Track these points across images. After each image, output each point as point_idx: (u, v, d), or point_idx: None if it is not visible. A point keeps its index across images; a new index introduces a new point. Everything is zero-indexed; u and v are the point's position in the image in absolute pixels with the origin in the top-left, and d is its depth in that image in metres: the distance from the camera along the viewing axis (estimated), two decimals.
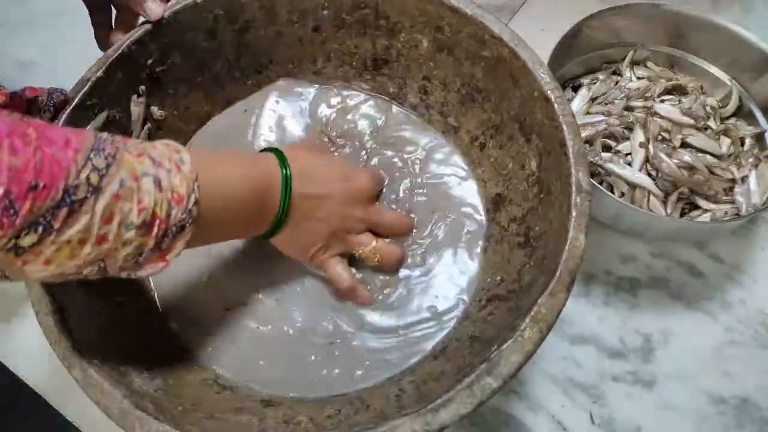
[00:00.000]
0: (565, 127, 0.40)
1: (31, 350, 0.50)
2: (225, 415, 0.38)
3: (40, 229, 0.27)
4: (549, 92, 0.41)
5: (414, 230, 0.49)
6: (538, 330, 0.33)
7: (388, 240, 0.47)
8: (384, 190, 0.51)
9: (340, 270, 0.45)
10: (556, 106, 0.41)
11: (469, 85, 0.49)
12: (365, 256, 0.46)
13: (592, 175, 0.56)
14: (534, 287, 0.37)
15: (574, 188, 0.37)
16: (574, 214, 0.37)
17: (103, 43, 0.50)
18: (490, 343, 0.36)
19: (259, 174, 0.39)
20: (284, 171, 0.40)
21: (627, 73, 0.63)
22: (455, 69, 0.50)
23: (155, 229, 0.31)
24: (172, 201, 0.32)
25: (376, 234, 0.47)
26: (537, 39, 0.47)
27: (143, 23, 0.47)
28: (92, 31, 0.51)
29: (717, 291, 0.55)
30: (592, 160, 0.56)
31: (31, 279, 0.30)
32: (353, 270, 0.47)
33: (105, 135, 0.31)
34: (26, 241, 0.27)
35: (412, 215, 0.50)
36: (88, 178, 0.28)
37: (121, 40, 0.46)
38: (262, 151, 0.44)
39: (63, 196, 0.27)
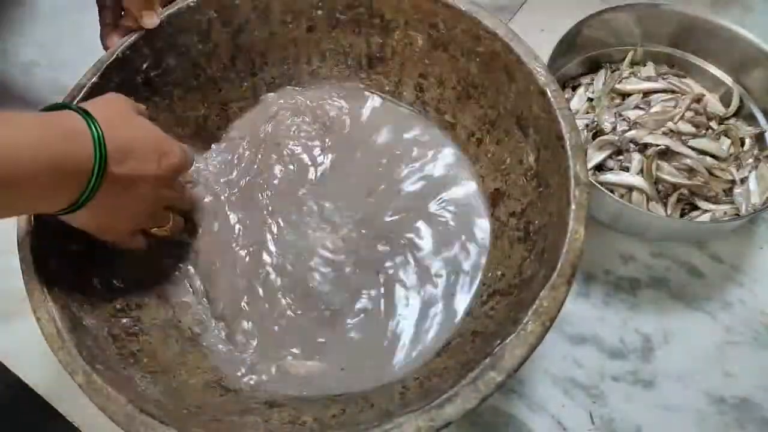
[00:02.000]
0: (561, 120, 0.40)
1: (32, 350, 0.49)
2: (230, 417, 0.38)
3: None
4: (544, 86, 0.41)
5: None
6: (541, 323, 0.33)
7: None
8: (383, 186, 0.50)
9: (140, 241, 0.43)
10: (551, 99, 0.41)
11: (464, 81, 0.49)
12: (161, 233, 0.44)
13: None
14: (535, 281, 0.37)
15: (572, 181, 0.37)
16: (573, 206, 0.36)
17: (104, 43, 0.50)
18: (492, 338, 0.36)
19: (57, 139, 0.32)
20: (97, 148, 0.34)
21: (626, 74, 0.63)
22: (451, 65, 0.50)
23: None
24: None
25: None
26: (537, 39, 0.47)
27: (138, 29, 0.47)
28: (93, 30, 0.50)
29: (717, 291, 0.54)
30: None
31: None
32: None
33: None
34: None
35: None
36: None
37: (116, 45, 0.46)
38: (52, 108, 0.36)
39: None
